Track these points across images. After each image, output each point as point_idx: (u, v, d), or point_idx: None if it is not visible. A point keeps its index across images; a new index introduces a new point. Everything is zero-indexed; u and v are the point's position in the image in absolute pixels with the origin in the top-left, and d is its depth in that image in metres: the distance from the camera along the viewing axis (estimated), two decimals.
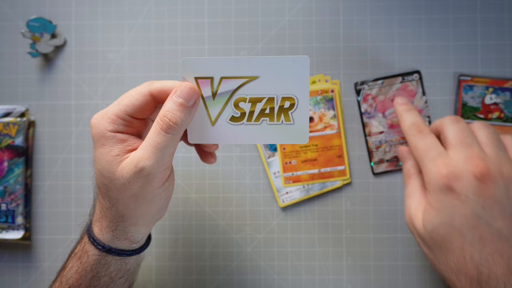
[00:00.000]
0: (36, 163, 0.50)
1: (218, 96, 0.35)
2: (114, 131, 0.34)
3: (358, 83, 0.47)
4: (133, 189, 0.33)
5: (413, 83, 0.47)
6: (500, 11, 0.49)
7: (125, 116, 0.34)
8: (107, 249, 0.36)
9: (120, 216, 0.35)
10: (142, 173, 0.33)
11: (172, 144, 0.33)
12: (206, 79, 0.34)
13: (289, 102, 0.35)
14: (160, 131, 0.33)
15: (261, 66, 0.34)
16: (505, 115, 0.48)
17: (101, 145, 0.34)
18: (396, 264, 0.48)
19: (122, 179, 0.33)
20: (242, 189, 0.49)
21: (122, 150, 0.34)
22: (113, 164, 0.34)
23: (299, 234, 0.49)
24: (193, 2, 0.50)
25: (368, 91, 0.44)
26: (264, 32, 0.50)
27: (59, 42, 0.50)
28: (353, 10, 0.50)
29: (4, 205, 0.48)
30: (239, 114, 0.35)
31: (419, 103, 0.46)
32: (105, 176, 0.34)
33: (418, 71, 0.48)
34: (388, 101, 0.46)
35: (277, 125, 0.35)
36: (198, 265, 0.49)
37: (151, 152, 0.33)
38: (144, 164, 0.33)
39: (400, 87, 0.48)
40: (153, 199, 0.35)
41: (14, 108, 0.50)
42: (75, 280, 0.37)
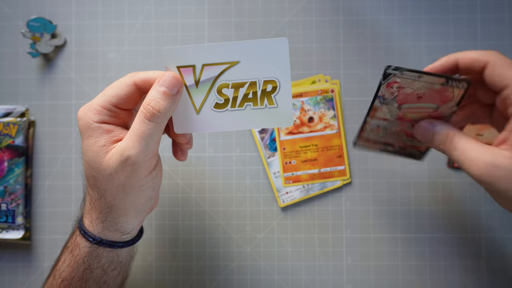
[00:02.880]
0: (36, 163, 0.50)
1: (201, 84, 0.35)
2: (100, 121, 0.35)
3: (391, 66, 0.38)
4: (120, 179, 0.34)
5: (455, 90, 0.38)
6: (500, 11, 0.49)
7: (110, 106, 0.35)
8: (98, 240, 0.36)
9: (109, 206, 0.36)
10: (127, 162, 0.33)
11: (156, 133, 0.34)
12: (188, 68, 0.35)
13: (271, 85, 0.35)
14: (144, 120, 0.33)
15: (241, 50, 0.34)
16: None
17: (88, 136, 0.35)
18: (396, 264, 0.48)
19: (108, 169, 0.34)
20: (242, 189, 0.50)
21: (108, 141, 0.34)
22: (100, 155, 0.34)
23: (299, 234, 0.49)
24: (193, 2, 0.51)
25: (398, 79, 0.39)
26: (264, 32, 0.50)
27: (59, 42, 0.50)
28: (353, 10, 0.50)
29: (4, 205, 0.48)
30: (222, 100, 0.35)
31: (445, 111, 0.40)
32: (92, 167, 0.35)
33: (468, 80, 0.37)
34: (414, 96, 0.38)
35: (261, 109, 0.35)
36: (198, 265, 0.49)
37: (136, 141, 0.33)
38: (129, 153, 0.33)
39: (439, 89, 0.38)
40: (140, 188, 0.35)
41: (14, 108, 0.50)
42: (67, 274, 0.37)
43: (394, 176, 0.49)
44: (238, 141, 0.50)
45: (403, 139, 0.41)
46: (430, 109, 0.38)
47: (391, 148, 0.43)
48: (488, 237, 0.48)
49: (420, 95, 0.38)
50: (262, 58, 0.34)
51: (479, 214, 0.48)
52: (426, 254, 0.48)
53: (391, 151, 0.43)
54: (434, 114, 0.39)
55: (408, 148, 0.42)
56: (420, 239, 0.48)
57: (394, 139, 0.42)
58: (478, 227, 0.48)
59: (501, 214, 0.48)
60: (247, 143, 0.50)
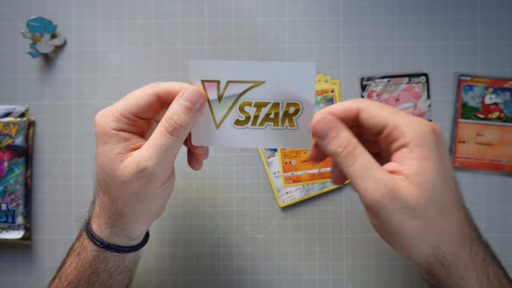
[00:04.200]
0: (36, 163, 0.50)
1: (224, 100, 0.35)
2: (117, 129, 0.34)
3: (364, 78, 0.47)
4: (133, 188, 0.34)
5: (419, 85, 0.46)
6: (500, 11, 0.49)
7: (130, 115, 0.35)
8: (105, 245, 0.36)
9: (119, 213, 0.35)
10: (144, 172, 0.33)
11: (175, 146, 0.34)
12: (213, 82, 0.35)
13: (294, 108, 0.35)
14: (165, 133, 0.33)
15: (268, 71, 0.34)
16: (505, 115, 0.48)
17: (104, 142, 0.34)
18: (396, 264, 0.48)
19: (123, 177, 0.33)
20: (242, 189, 0.49)
21: (125, 149, 0.34)
22: (115, 162, 0.34)
23: (299, 234, 0.49)
24: (193, 2, 0.51)
25: (374, 88, 0.44)
26: (264, 32, 0.50)
27: (59, 42, 0.50)
28: (353, 10, 0.50)
29: (4, 205, 0.48)
30: (244, 118, 0.35)
31: (422, 106, 0.45)
32: (106, 173, 0.34)
33: (426, 74, 0.48)
34: (392, 100, 0.46)
35: (281, 130, 0.35)
36: (198, 265, 0.49)
37: (155, 153, 0.33)
38: (146, 164, 0.33)
39: (406, 88, 0.48)
40: (153, 198, 0.35)
41: (14, 108, 0.50)
42: (74, 277, 0.37)
43: None
44: None
45: None
46: (410, 109, 0.42)
47: None
48: (488, 237, 0.48)
49: (397, 97, 0.43)
50: (287, 80, 0.34)
51: (479, 214, 0.48)
52: None
53: None
54: (416, 113, 0.42)
55: None
56: None
57: None
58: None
59: (501, 214, 0.48)
60: None
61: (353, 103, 0.33)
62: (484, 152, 0.48)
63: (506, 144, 0.48)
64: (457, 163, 0.48)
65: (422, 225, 0.31)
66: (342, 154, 0.32)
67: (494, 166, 0.48)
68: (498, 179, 0.48)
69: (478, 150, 0.48)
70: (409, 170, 0.30)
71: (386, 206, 0.30)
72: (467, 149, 0.48)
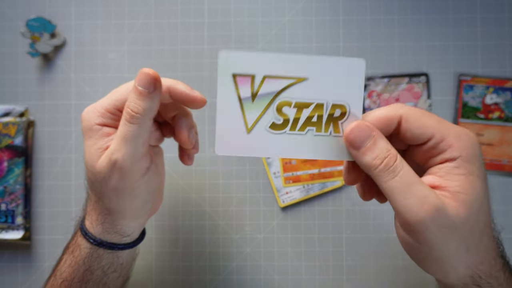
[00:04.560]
0: (35, 163, 0.50)
1: (259, 98, 0.30)
2: (101, 124, 0.34)
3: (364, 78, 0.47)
4: (112, 183, 0.34)
5: (419, 85, 0.46)
6: (500, 11, 0.49)
7: (114, 110, 0.35)
8: (98, 242, 0.36)
9: (106, 209, 0.36)
10: (116, 166, 0.33)
11: (140, 134, 0.33)
12: (246, 77, 0.30)
13: (340, 111, 0.30)
14: (125, 122, 0.33)
15: (312, 66, 0.29)
16: (506, 115, 0.48)
17: (88, 137, 0.35)
18: (396, 264, 0.48)
19: (101, 172, 0.34)
20: (242, 189, 0.49)
21: (105, 144, 0.34)
22: (95, 158, 0.34)
23: (299, 234, 0.49)
24: (193, 2, 0.50)
25: (374, 88, 0.44)
26: (264, 32, 0.50)
27: (59, 42, 0.50)
28: (353, 10, 0.50)
29: (4, 205, 0.48)
30: (281, 120, 0.30)
31: (422, 106, 0.45)
32: (89, 169, 0.35)
33: (426, 74, 0.48)
34: (392, 100, 0.46)
35: (324, 137, 0.31)
36: (198, 265, 0.49)
37: (121, 144, 0.33)
38: (116, 157, 0.33)
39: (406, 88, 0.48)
40: (133, 192, 0.35)
41: (14, 108, 0.50)
42: (68, 274, 0.37)
43: None
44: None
45: None
46: None
47: None
48: None
49: (397, 97, 0.42)
50: (334, 78, 0.30)
51: None
52: None
53: None
54: None
55: None
56: None
57: None
58: None
59: (501, 214, 0.48)
60: None
61: (393, 110, 0.30)
62: (485, 152, 0.48)
63: (507, 144, 0.48)
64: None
65: (465, 246, 0.29)
66: (379, 167, 0.28)
67: (494, 166, 0.48)
68: (498, 179, 0.48)
69: None
70: (456, 187, 0.28)
71: (431, 227, 0.27)
72: None
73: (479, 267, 0.29)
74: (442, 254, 0.29)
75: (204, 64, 0.50)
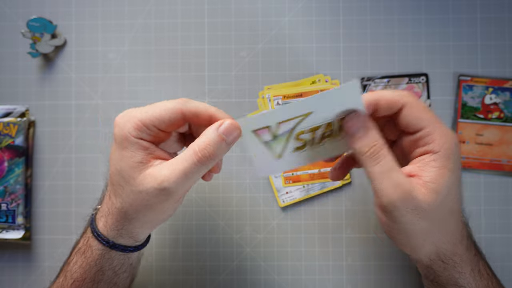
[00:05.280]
0: (36, 163, 0.50)
1: (279, 137, 0.36)
2: (137, 137, 0.34)
3: (364, 78, 0.48)
4: (149, 201, 0.34)
5: (419, 85, 0.46)
6: (500, 11, 0.49)
7: (151, 126, 0.34)
8: (111, 244, 0.36)
9: (128, 219, 0.36)
10: (163, 192, 0.33)
11: (201, 174, 0.34)
12: (264, 129, 0.35)
13: None
14: (195, 162, 0.33)
15: (313, 103, 0.34)
16: (505, 115, 0.48)
17: (123, 147, 0.34)
18: (396, 264, 0.48)
19: (141, 187, 0.33)
20: (242, 189, 0.50)
21: (145, 158, 0.34)
22: (135, 171, 0.34)
23: (299, 234, 0.49)
24: (193, 2, 0.51)
25: (374, 88, 0.44)
26: (264, 32, 0.50)
27: (59, 42, 0.50)
28: (353, 10, 0.50)
29: (4, 205, 0.48)
30: (301, 143, 0.36)
31: None
32: (124, 178, 0.34)
33: (426, 74, 0.48)
34: None
35: (340, 140, 0.37)
36: (198, 265, 0.49)
37: (179, 177, 0.33)
38: (168, 186, 0.33)
39: (406, 88, 0.48)
40: (166, 211, 0.36)
41: (14, 108, 0.50)
42: (79, 275, 0.37)
43: None
44: (238, 141, 0.50)
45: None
46: None
47: None
48: (488, 237, 0.48)
49: None
50: (335, 104, 0.34)
51: (479, 214, 0.48)
52: None
53: None
54: None
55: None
56: None
57: None
58: (478, 227, 0.48)
59: (501, 214, 0.48)
60: None
61: (400, 97, 0.34)
62: (484, 152, 0.48)
63: (506, 144, 0.48)
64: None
65: (430, 227, 0.33)
66: (366, 154, 0.33)
67: (494, 166, 0.48)
68: (498, 179, 0.48)
69: (478, 150, 0.48)
70: (428, 177, 0.33)
71: (400, 207, 0.32)
72: (467, 149, 0.48)
73: (443, 246, 0.35)
74: (411, 232, 0.33)
75: (204, 64, 0.50)
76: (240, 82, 0.50)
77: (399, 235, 0.35)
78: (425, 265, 0.36)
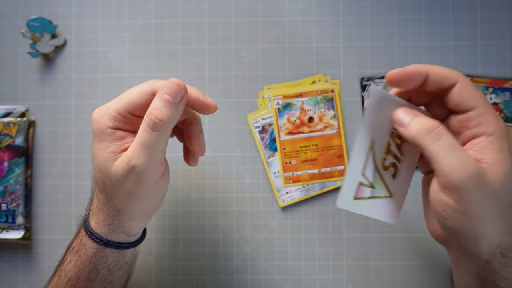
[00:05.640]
0: (36, 163, 0.50)
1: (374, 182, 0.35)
2: (114, 127, 0.35)
3: (364, 78, 0.47)
4: (127, 187, 0.34)
5: None
6: (500, 11, 0.49)
7: (126, 113, 0.35)
8: (104, 242, 0.36)
9: (116, 211, 0.36)
10: (133, 171, 0.33)
11: (161, 142, 0.34)
12: (362, 187, 0.35)
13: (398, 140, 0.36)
14: (147, 129, 0.33)
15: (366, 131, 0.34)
16: (505, 115, 0.48)
17: (100, 140, 0.35)
18: (396, 264, 0.48)
19: (116, 175, 0.34)
20: (242, 189, 0.50)
21: (119, 148, 0.34)
22: (109, 161, 0.34)
23: (299, 234, 0.49)
24: (193, 2, 0.51)
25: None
26: (264, 32, 0.50)
27: (59, 42, 0.50)
28: (353, 10, 0.50)
29: (4, 205, 0.48)
30: (392, 168, 0.36)
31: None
32: (102, 171, 0.35)
33: None
34: None
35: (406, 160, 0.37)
36: (198, 265, 0.49)
37: (141, 151, 0.33)
38: (135, 163, 0.33)
39: None
40: (147, 196, 0.35)
41: (14, 108, 0.50)
42: (73, 274, 0.37)
43: None
44: (238, 141, 0.50)
45: None
46: None
47: None
48: None
49: None
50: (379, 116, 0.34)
51: None
52: (426, 254, 0.48)
53: None
54: None
55: None
56: (419, 239, 0.48)
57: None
58: None
59: None
60: (247, 143, 0.50)
61: (453, 73, 0.32)
62: None
63: None
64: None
65: (498, 212, 0.30)
66: (424, 131, 0.31)
67: None
68: None
69: None
70: (492, 159, 0.30)
71: (470, 186, 0.29)
72: None
73: (506, 237, 0.31)
74: (478, 216, 0.30)
75: (204, 64, 0.50)
76: (240, 82, 0.50)
77: (464, 221, 0.31)
78: (484, 260, 0.31)
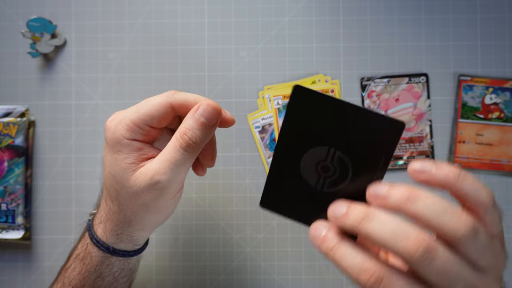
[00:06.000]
0: (36, 163, 0.50)
1: None
2: (131, 138, 0.34)
3: (364, 78, 0.48)
4: (144, 199, 0.34)
5: (419, 85, 0.46)
6: (500, 11, 0.49)
7: (143, 125, 0.34)
8: (111, 251, 0.36)
9: (127, 221, 0.35)
10: (156, 186, 0.33)
11: (189, 162, 0.33)
12: None
13: None
14: (179, 149, 0.33)
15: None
16: (505, 115, 0.48)
17: (116, 150, 0.34)
18: None
19: (135, 187, 0.33)
20: (242, 189, 0.49)
21: (138, 159, 0.34)
22: (128, 172, 0.33)
23: (299, 234, 0.49)
24: (193, 2, 0.51)
25: (374, 88, 0.44)
26: (264, 32, 0.50)
27: (59, 42, 0.50)
28: (353, 10, 0.50)
29: (4, 205, 0.48)
30: None
31: (422, 106, 0.45)
32: (117, 181, 0.34)
33: (426, 74, 0.48)
34: (392, 100, 0.46)
35: None
36: (198, 265, 0.49)
37: (168, 168, 0.33)
38: (159, 178, 0.33)
39: (406, 88, 0.48)
40: (162, 209, 0.35)
41: (14, 108, 0.50)
42: (78, 282, 0.37)
43: (394, 175, 0.49)
44: (238, 141, 0.50)
45: None
46: (410, 109, 0.43)
47: None
48: None
49: (396, 97, 0.43)
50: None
51: None
52: None
53: None
54: (415, 113, 0.42)
55: None
56: None
57: None
58: None
59: None
60: (247, 143, 0.50)
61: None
62: (484, 152, 0.48)
63: (506, 144, 0.48)
64: (457, 163, 0.48)
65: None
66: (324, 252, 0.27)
67: (494, 166, 0.48)
68: (498, 179, 0.48)
69: (478, 150, 0.48)
70: None
71: None
72: (467, 149, 0.48)
73: None
74: None
75: (204, 64, 0.50)
76: (240, 82, 0.50)
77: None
78: None
